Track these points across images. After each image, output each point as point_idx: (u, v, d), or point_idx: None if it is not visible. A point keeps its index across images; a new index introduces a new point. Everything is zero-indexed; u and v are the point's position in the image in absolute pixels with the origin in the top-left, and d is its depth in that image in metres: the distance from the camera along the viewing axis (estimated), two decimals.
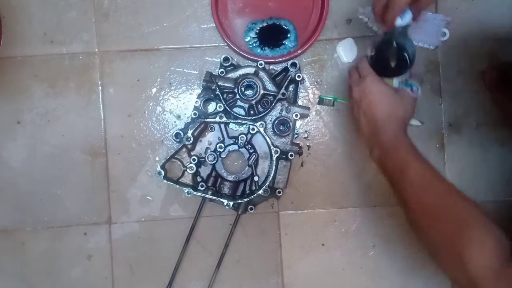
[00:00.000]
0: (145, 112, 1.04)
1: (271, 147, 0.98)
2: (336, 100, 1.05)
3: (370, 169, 1.06)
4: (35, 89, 1.03)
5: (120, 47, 1.03)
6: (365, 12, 1.02)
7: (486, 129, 1.06)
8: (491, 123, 1.06)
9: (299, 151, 1.03)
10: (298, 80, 1.00)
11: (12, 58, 1.03)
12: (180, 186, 1.00)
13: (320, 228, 1.06)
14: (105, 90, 1.04)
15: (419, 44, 1.03)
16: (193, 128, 0.98)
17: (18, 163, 1.04)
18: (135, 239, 1.06)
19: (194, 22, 1.04)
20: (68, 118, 1.04)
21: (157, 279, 1.05)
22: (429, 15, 1.03)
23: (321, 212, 1.06)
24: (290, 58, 1.01)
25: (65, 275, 1.06)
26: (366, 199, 1.07)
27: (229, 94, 1.00)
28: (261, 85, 0.98)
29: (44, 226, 1.05)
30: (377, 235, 1.06)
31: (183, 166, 1.01)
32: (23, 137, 1.04)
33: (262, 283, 1.07)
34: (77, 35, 1.03)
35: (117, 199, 1.05)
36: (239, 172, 1.03)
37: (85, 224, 1.05)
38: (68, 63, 1.03)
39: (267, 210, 1.06)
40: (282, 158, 1.00)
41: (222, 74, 1.00)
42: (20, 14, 1.03)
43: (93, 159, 1.04)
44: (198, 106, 0.99)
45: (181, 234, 1.05)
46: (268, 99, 1.00)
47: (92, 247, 1.06)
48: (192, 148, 1.01)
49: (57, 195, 1.05)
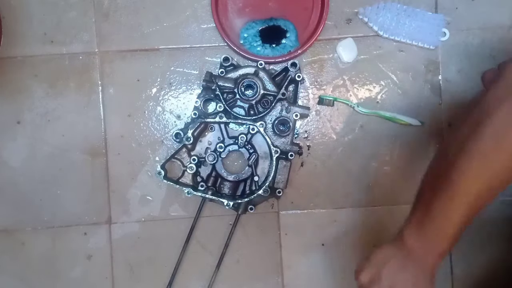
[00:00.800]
0: (145, 112, 1.04)
1: (271, 147, 0.98)
2: (336, 100, 1.05)
3: (370, 169, 1.06)
4: (35, 89, 1.03)
5: (120, 47, 1.03)
6: (365, 12, 1.02)
7: None
8: None
9: (299, 151, 1.03)
10: (298, 80, 1.00)
11: (12, 58, 1.03)
12: (180, 186, 1.00)
13: (320, 228, 1.06)
14: (105, 90, 1.04)
15: (419, 44, 1.04)
16: (193, 128, 0.98)
17: (18, 163, 1.04)
18: (135, 239, 1.06)
19: (194, 22, 1.04)
20: (68, 118, 1.04)
21: (157, 279, 1.06)
22: (429, 15, 1.03)
23: (321, 212, 1.06)
24: (290, 58, 1.01)
25: (65, 275, 1.06)
26: (366, 199, 1.07)
27: (229, 94, 1.00)
28: (261, 85, 0.98)
29: (44, 226, 1.05)
30: (377, 235, 1.06)
31: (183, 166, 1.01)
32: (23, 137, 1.04)
33: (262, 283, 1.07)
34: (77, 35, 1.03)
35: (117, 199, 1.05)
36: (239, 172, 1.03)
37: (85, 224, 1.05)
38: (68, 63, 1.03)
39: (267, 210, 1.06)
40: (282, 158, 1.00)
41: (222, 74, 1.00)
42: (20, 14, 1.03)
43: (93, 159, 1.04)
44: (198, 106, 0.99)
45: (181, 234, 1.05)
46: (268, 99, 1.00)
47: (92, 247, 1.06)
48: (192, 148, 1.01)
49: (57, 195, 1.05)
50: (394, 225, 1.04)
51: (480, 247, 1.08)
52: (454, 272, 1.08)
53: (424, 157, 1.05)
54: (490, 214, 1.07)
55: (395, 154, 1.06)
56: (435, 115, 1.06)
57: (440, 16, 1.04)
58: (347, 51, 1.05)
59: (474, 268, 1.08)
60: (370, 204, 1.07)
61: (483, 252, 1.08)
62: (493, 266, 1.08)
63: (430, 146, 1.06)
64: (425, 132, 1.06)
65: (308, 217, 1.06)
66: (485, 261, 1.08)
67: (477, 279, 1.08)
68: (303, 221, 1.06)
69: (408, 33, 1.04)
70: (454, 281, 1.08)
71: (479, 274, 1.08)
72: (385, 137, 1.06)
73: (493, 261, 1.08)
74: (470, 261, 1.08)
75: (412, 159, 1.06)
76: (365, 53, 1.05)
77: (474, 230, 1.07)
